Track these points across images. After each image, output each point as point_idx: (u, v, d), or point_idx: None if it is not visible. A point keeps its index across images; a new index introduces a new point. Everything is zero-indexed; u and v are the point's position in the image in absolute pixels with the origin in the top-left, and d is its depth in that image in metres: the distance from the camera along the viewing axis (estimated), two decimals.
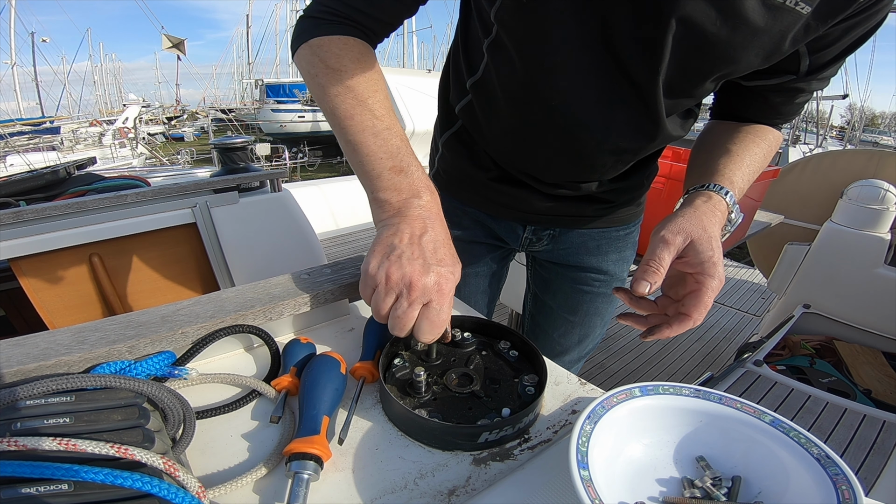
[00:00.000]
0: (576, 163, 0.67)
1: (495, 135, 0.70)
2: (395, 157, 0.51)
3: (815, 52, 0.55)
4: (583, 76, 0.57)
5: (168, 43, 17.99)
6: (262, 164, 10.73)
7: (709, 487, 0.40)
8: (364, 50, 0.55)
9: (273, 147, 12.33)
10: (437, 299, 0.46)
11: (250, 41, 37.28)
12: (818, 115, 11.62)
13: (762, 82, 0.60)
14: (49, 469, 0.29)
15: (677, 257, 0.51)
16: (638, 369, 2.53)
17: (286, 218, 1.54)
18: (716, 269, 0.49)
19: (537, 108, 0.62)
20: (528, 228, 0.81)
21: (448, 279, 0.47)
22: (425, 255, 0.47)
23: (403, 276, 0.46)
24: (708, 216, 0.52)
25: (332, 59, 0.52)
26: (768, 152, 0.63)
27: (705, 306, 0.49)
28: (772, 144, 0.64)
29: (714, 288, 0.49)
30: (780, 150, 9.44)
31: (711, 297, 0.49)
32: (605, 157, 0.66)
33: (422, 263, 0.46)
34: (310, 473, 0.38)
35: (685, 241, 0.50)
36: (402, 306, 0.46)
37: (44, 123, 13.88)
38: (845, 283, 2.02)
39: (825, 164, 2.33)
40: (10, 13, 26.67)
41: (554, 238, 0.83)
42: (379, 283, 0.47)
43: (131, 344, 0.47)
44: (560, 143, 0.65)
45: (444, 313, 0.47)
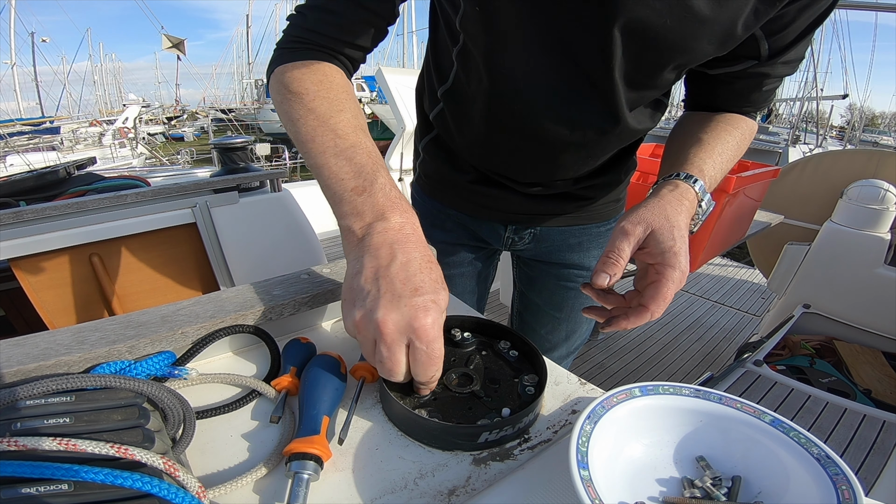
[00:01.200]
0: (548, 163, 0.69)
1: (468, 141, 0.71)
2: (358, 176, 0.46)
3: (772, 35, 0.55)
4: (544, 79, 0.58)
5: (168, 43, 17.99)
6: (262, 164, 10.72)
7: (709, 487, 0.40)
8: (329, 72, 0.53)
9: (273, 147, 12.32)
10: (418, 336, 0.39)
11: (250, 41, 37.30)
12: (818, 115, 11.63)
13: (726, 69, 0.60)
14: (49, 469, 0.29)
15: (639, 248, 0.50)
16: (638, 369, 2.53)
17: (286, 218, 1.54)
18: (676, 259, 0.48)
19: (505, 113, 0.63)
20: (509, 228, 0.82)
21: (426, 310, 0.39)
22: (394, 288, 0.40)
23: (370, 322, 0.39)
24: (673, 205, 0.51)
25: (294, 84, 0.51)
26: (741, 141, 0.63)
27: (664, 298, 0.48)
28: (745, 133, 0.63)
29: (675, 279, 0.48)
30: (779, 151, 9.42)
31: (671, 288, 0.48)
32: (574, 156, 0.67)
33: (389, 300, 0.39)
34: (310, 473, 0.38)
35: (646, 231, 0.49)
36: (380, 353, 0.40)
37: (44, 123, 13.87)
38: (845, 283, 2.02)
39: (825, 164, 2.33)
40: (10, 13, 26.69)
41: (535, 237, 0.84)
42: (356, 335, 0.42)
43: (131, 344, 0.47)
44: (530, 146, 0.66)
45: (433, 350, 0.40)
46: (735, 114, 0.65)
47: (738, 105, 0.65)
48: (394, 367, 0.40)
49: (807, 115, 12.48)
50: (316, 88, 0.51)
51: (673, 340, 2.82)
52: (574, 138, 0.63)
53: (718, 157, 0.58)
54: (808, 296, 2.13)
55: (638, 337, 2.83)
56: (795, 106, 13.75)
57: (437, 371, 0.41)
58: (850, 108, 35.61)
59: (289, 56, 0.54)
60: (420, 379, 0.42)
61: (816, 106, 11.61)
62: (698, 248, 1.44)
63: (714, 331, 2.96)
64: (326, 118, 0.49)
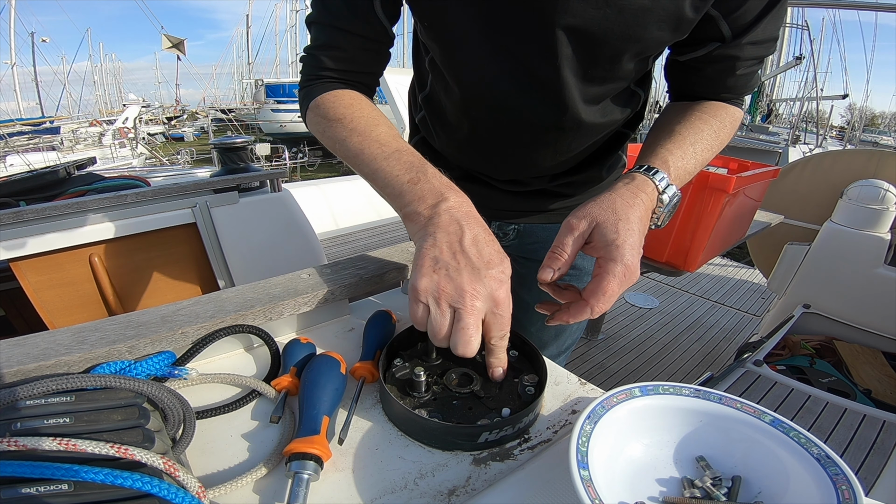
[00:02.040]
0: (520, 161, 0.70)
1: (447, 144, 0.74)
2: (410, 170, 0.51)
3: (729, 15, 0.54)
4: (497, 84, 0.59)
5: (168, 43, 17.99)
6: (262, 164, 10.72)
7: (709, 487, 0.40)
8: (354, 96, 0.60)
9: (273, 147, 12.32)
10: (497, 305, 0.44)
11: (250, 41, 37.31)
12: (818, 115, 11.63)
13: (693, 54, 0.60)
14: (49, 469, 0.29)
15: (586, 243, 0.49)
16: (638, 369, 2.53)
17: (286, 218, 1.54)
18: (619, 252, 0.46)
19: (473, 117, 0.65)
20: (493, 224, 0.83)
21: (501, 282, 0.44)
22: (471, 261, 0.44)
23: (456, 289, 0.43)
24: (625, 198, 0.50)
25: (330, 112, 0.58)
26: (720, 129, 0.60)
27: (603, 292, 0.46)
28: (724, 121, 0.61)
29: (616, 273, 0.46)
30: (779, 151, 9.41)
31: (614, 283, 0.46)
32: (543, 154, 0.68)
33: (471, 272, 0.43)
34: (310, 473, 0.38)
35: (590, 225, 0.48)
36: (463, 321, 0.42)
37: (44, 123, 13.86)
38: (845, 283, 2.02)
39: (825, 164, 2.33)
40: (10, 13, 26.68)
41: (520, 233, 0.85)
42: (431, 303, 0.43)
43: (131, 344, 0.47)
44: (501, 147, 0.68)
45: (509, 315, 0.44)
46: (715, 102, 0.63)
47: (716, 91, 0.63)
48: (470, 338, 0.42)
49: (807, 115, 12.48)
50: (350, 112, 0.57)
51: (673, 340, 2.82)
52: (536, 137, 0.65)
53: (690, 147, 0.57)
54: (808, 296, 2.13)
55: (638, 337, 2.83)
56: (795, 106, 13.75)
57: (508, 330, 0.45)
58: (850, 108, 35.62)
59: (316, 91, 0.60)
60: (494, 341, 0.45)
61: (816, 106, 11.61)
62: (698, 247, 1.44)
63: (714, 331, 2.96)
64: (367, 133, 0.55)
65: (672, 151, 0.55)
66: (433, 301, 0.43)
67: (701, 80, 0.63)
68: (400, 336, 0.54)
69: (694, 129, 0.58)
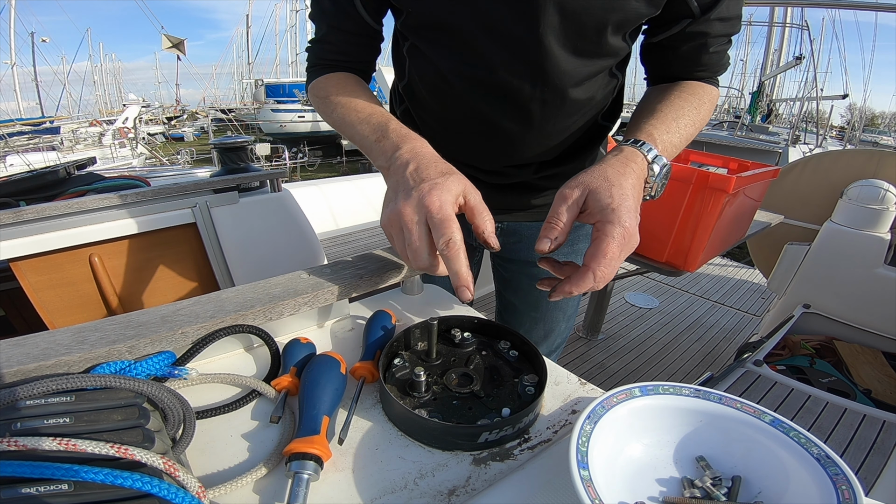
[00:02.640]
0: (502, 145, 0.70)
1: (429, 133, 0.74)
2: (376, 130, 0.58)
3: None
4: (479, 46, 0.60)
5: (168, 43, 17.96)
6: (262, 164, 10.72)
7: (709, 487, 0.40)
8: (345, 77, 0.69)
9: (273, 147, 12.32)
10: (428, 210, 0.46)
11: (250, 41, 37.29)
12: (818, 115, 11.62)
13: (667, 33, 0.63)
14: (49, 469, 0.29)
15: (582, 212, 0.50)
16: (638, 369, 2.53)
17: (286, 218, 1.54)
18: (615, 215, 0.46)
19: (454, 96, 0.66)
20: None
21: (430, 190, 0.46)
22: (407, 185, 0.49)
23: (395, 214, 0.48)
24: (615, 167, 0.51)
25: (322, 91, 0.67)
26: (699, 105, 0.63)
27: (604, 255, 0.45)
28: (702, 98, 0.64)
29: (615, 235, 0.46)
30: (779, 151, 9.40)
31: (612, 245, 0.45)
32: (525, 134, 0.68)
33: (405, 195, 0.48)
34: (310, 473, 0.38)
35: (584, 193, 0.49)
36: (407, 238, 0.47)
37: (44, 123, 13.85)
38: (845, 283, 2.02)
39: (825, 164, 2.33)
40: (10, 13, 26.66)
41: (504, 231, 0.85)
42: (390, 236, 0.50)
43: (131, 344, 0.47)
44: (484, 128, 0.68)
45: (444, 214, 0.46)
46: (692, 81, 0.66)
47: (691, 70, 0.66)
48: (419, 246, 0.47)
49: (807, 115, 12.48)
50: (336, 89, 0.66)
51: (673, 340, 2.82)
52: (519, 111, 0.65)
53: (673, 122, 0.59)
54: (808, 296, 2.13)
55: (638, 337, 2.83)
56: (795, 106, 13.75)
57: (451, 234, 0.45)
58: (850, 108, 35.58)
59: (314, 76, 0.70)
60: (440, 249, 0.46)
61: (816, 106, 11.60)
62: (698, 247, 1.44)
63: (714, 331, 2.95)
64: (348, 103, 0.63)
65: (656, 126, 0.57)
66: (389, 235, 0.50)
67: (677, 59, 0.66)
68: (400, 336, 0.54)
69: (675, 106, 0.61)
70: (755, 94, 14.23)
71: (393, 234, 0.50)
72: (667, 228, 1.46)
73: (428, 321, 0.52)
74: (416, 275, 0.70)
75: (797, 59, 9.73)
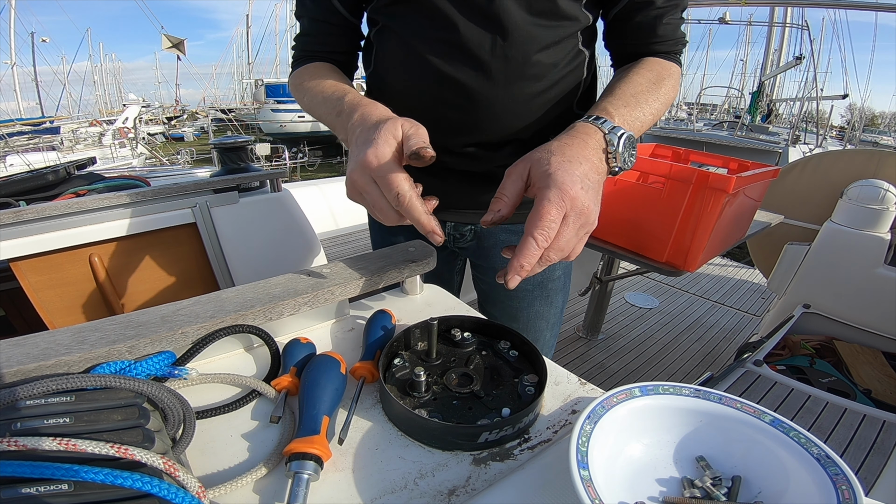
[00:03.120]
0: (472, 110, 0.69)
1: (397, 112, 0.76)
2: (336, 106, 0.61)
3: None
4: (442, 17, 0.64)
5: (168, 43, 17.95)
6: (262, 164, 10.72)
7: (709, 487, 0.40)
8: (319, 65, 0.74)
9: (273, 147, 12.32)
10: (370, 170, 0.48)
11: (250, 41, 37.27)
12: (818, 115, 11.61)
13: (619, 6, 0.67)
14: (49, 469, 0.29)
15: (529, 186, 0.49)
16: (638, 369, 2.53)
17: (286, 218, 1.54)
18: (551, 179, 0.46)
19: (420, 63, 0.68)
20: (448, 224, 0.84)
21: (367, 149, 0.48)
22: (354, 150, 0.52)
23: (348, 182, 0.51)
24: (561, 140, 0.51)
25: (297, 79, 0.73)
26: (656, 80, 0.64)
27: (541, 218, 0.44)
28: (660, 73, 0.65)
29: (551, 198, 0.44)
30: (779, 151, 9.38)
31: (550, 207, 0.44)
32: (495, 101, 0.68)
33: (352, 159, 0.51)
34: (310, 473, 0.38)
35: (527, 165, 0.49)
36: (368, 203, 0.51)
37: (44, 123, 13.84)
38: (845, 283, 2.02)
39: (825, 163, 2.33)
40: (10, 13, 26.65)
41: (476, 234, 0.85)
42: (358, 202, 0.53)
43: (131, 344, 0.47)
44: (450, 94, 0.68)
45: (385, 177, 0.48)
46: (650, 58, 0.68)
47: (647, 43, 0.68)
48: (382, 205, 0.49)
49: (807, 115, 12.46)
50: (309, 76, 0.71)
51: (673, 340, 2.82)
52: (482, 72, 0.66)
53: (631, 97, 0.60)
54: (808, 296, 2.13)
55: (638, 337, 2.83)
56: (795, 106, 13.74)
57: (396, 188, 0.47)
58: (850, 108, 35.57)
59: (295, 66, 0.77)
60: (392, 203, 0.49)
61: (816, 106, 11.59)
62: (698, 247, 1.44)
63: (714, 331, 2.95)
64: (316, 90, 0.67)
65: (612, 102, 0.58)
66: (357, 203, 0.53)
67: (631, 32, 0.69)
68: (400, 336, 0.54)
69: (632, 82, 0.62)
70: (755, 94, 14.22)
71: (358, 201, 0.52)
72: (667, 228, 1.46)
73: (428, 321, 0.52)
74: (417, 275, 0.70)
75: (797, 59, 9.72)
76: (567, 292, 0.94)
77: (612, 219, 1.60)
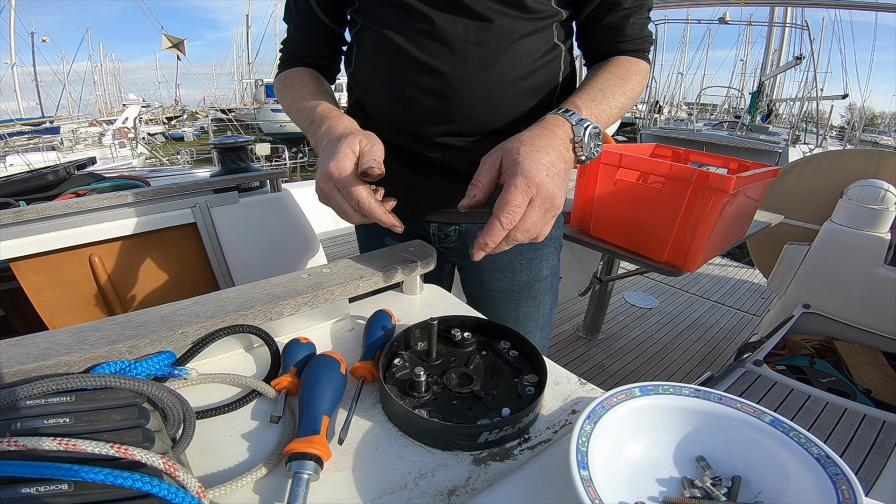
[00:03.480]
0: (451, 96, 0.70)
1: (375, 107, 0.77)
2: (308, 117, 0.66)
3: None
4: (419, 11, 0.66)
5: (168, 43, 17.94)
6: (262, 164, 10.71)
7: (709, 487, 0.40)
8: (301, 71, 0.78)
9: (273, 147, 12.32)
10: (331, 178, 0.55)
11: (250, 41, 37.29)
12: (818, 115, 11.62)
13: (590, 8, 0.71)
14: (49, 469, 0.29)
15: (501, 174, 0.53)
16: (638, 369, 2.53)
17: (286, 218, 1.54)
18: (518, 167, 0.50)
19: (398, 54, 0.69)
20: (432, 225, 0.84)
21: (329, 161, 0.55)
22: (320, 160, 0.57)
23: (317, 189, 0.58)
24: (531, 130, 0.55)
25: (280, 83, 0.78)
26: (624, 76, 0.68)
27: (507, 202, 0.48)
28: (628, 70, 0.69)
29: (518, 185, 0.49)
30: (779, 151, 9.39)
31: (516, 193, 0.48)
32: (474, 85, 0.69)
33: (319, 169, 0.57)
34: (310, 473, 0.38)
35: (499, 156, 0.53)
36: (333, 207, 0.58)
37: (44, 123, 13.83)
38: (845, 283, 2.02)
39: (825, 164, 2.33)
40: (9, 13, 26.64)
41: (461, 235, 0.85)
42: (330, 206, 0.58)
43: (131, 344, 0.47)
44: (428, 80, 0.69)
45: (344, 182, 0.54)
46: (619, 56, 0.72)
47: (616, 42, 0.72)
48: (345, 209, 0.57)
49: (807, 115, 12.46)
50: (291, 81, 0.76)
51: (673, 340, 2.82)
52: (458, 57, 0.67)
53: (599, 92, 0.63)
54: (808, 296, 2.13)
55: (638, 337, 2.83)
56: (795, 106, 13.73)
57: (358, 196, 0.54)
58: (850, 108, 35.54)
59: (280, 69, 0.82)
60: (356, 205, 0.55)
61: (816, 106, 11.59)
62: (698, 247, 1.44)
63: (714, 331, 2.95)
64: (294, 95, 0.73)
65: (580, 96, 0.62)
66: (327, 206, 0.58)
67: (602, 32, 0.72)
68: (400, 336, 0.54)
69: (600, 78, 0.66)
70: (755, 94, 14.23)
71: (326, 204, 0.58)
72: (667, 228, 1.46)
73: (428, 321, 0.52)
74: (417, 275, 0.70)
75: (797, 59, 9.72)
76: (556, 293, 0.94)
77: (612, 219, 1.60)
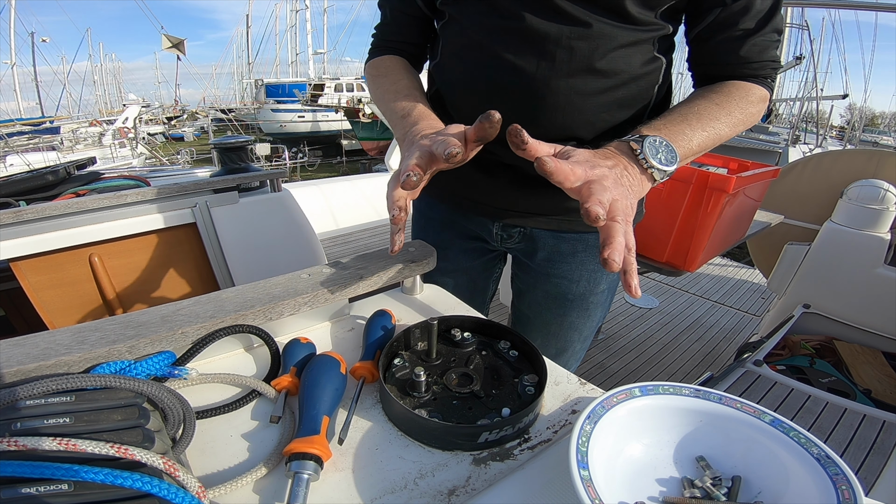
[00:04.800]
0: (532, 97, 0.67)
1: (455, 101, 0.76)
2: (402, 110, 0.67)
3: None
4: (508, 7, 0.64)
5: (168, 43, 17.94)
6: (262, 164, 10.72)
7: (709, 487, 0.40)
8: (396, 60, 0.79)
9: (273, 147, 12.33)
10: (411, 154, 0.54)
11: (250, 41, 37.30)
12: (818, 115, 11.62)
13: (701, 25, 0.65)
14: (49, 469, 0.29)
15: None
16: (638, 369, 2.53)
17: (286, 218, 1.54)
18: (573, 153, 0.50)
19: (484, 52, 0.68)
20: (496, 224, 0.82)
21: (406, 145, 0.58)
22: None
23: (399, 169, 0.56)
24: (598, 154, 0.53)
25: (373, 70, 0.79)
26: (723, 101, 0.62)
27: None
28: (730, 94, 0.63)
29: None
30: (779, 151, 9.37)
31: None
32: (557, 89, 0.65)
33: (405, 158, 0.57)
34: (310, 473, 0.38)
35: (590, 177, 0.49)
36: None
37: (44, 123, 13.83)
38: (845, 283, 2.02)
39: (825, 163, 2.33)
40: (10, 13, 26.63)
41: (526, 236, 0.82)
42: None
43: (131, 344, 0.47)
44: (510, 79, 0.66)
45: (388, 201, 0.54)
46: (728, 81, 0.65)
47: (729, 64, 0.65)
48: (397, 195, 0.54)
49: (807, 115, 12.47)
50: (385, 70, 0.78)
51: (673, 340, 2.82)
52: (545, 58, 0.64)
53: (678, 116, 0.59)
54: (808, 296, 2.13)
55: (638, 337, 2.83)
56: (795, 106, 13.74)
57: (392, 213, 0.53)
58: (850, 108, 35.52)
59: (373, 54, 0.82)
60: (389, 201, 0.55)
61: (816, 106, 11.60)
62: (698, 247, 1.44)
63: (714, 331, 2.95)
64: (388, 85, 0.74)
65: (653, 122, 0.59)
66: None
67: (712, 52, 0.66)
68: (400, 336, 0.54)
69: (688, 103, 0.62)
70: None
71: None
72: (667, 228, 1.46)
73: (428, 321, 0.52)
74: (416, 275, 0.70)
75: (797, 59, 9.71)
76: (607, 308, 0.91)
77: None
